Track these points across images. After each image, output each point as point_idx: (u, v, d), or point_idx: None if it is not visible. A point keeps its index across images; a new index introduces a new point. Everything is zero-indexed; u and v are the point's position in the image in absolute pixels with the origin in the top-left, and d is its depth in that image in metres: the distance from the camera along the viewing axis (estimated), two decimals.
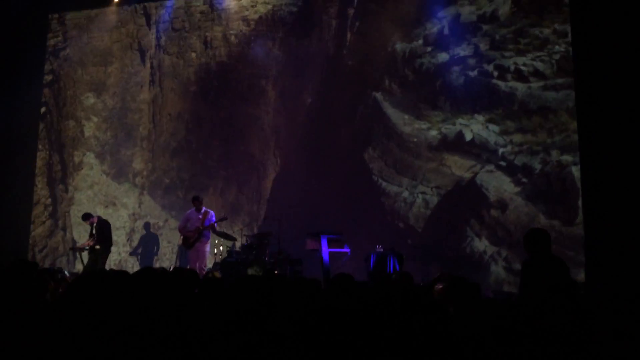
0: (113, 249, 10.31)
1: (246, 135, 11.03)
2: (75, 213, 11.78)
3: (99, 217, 10.16)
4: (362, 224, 9.74)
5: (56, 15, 12.73)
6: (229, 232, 10.02)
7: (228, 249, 9.71)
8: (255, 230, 10.21)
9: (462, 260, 8.98)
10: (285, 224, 9.34)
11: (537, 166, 8.74)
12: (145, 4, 12.02)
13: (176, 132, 11.60)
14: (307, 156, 10.56)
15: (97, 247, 9.80)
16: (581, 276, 7.94)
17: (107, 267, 10.03)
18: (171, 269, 8.00)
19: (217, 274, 7.36)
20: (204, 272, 8.55)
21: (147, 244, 11.36)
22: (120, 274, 3.51)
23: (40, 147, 12.35)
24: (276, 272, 8.55)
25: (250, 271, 8.65)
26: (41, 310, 3.06)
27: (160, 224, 11.37)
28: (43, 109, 12.48)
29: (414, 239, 9.39)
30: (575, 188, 8.46)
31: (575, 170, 8.49)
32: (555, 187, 8.62)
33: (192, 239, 9.37)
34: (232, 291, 3.49)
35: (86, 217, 10.07)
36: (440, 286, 4.63)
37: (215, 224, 9.52)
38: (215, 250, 9.97)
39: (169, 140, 11.63)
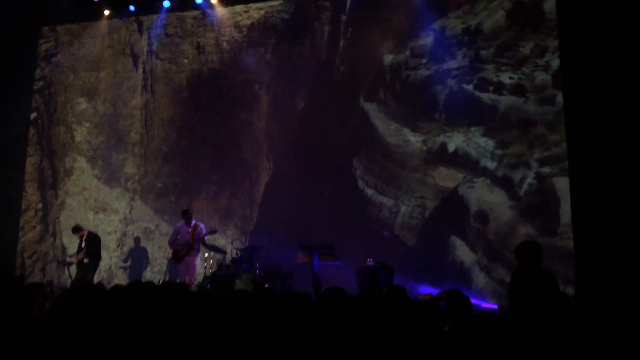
0: (103, 254, 10.21)
1: (239, 140, 11.04)
2: (66, 219, 11.76)
3: (90, 231, 10.08)
4: (353, 234, 9.76)
5: (47, 28, 12.73)
6: (222, 236, 9.97)
7: (218, 262, 9.65)
8: (247, 236, 10.19)
9: (451, 273, 9.04)
10: (276, 234, 9.39)
11: (519, 178, 8.92)
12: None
13: (168, 138, 11.59)
14: (299, 164, 10.58)
15: (86, 260, 9.70)
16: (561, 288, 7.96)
17: (96, 274, 9.97)
18: (160, 282, 7.96)
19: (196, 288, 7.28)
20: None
21: (136, 256, 11.28)
22: (109, 289, 3.48)
23: (31, 152, 12.31)
24: (266, 285, 8.51)
25: (238, 284, 8.60)
26: (28, 324, 3.02)
27: (152, 228, 11.33)
28: (34, 115, 12.46)
29: (399, 248, 9.49)
30: (555, 199, 8.60)
31: (557, 182, 8.64)
32: (535, 199, 8.79)
33: (182, 253, 9.31)
34: (221, 305, 3.46)
35: (76, 229, 9.98)
36: (428, 297, 4.64)
37: (205, 237, 9.48)
38: (205, 264, 9.91)
39: (160, 145, 11.61)
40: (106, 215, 11.66)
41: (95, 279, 10.19)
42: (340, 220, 9.88)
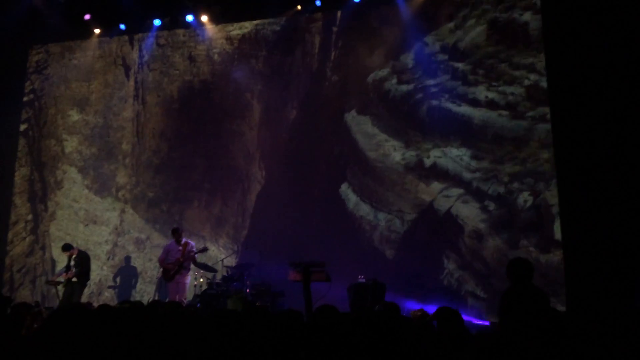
0: (93, 265, 10.16)
1: (230, 150, 11.04)
2: (56, 231, 11.71)
3: (79, 250, 9.99)
4: (344, 249, 9.77)
5: (38, 46, 12.75)
6: (214, 245, 9.92)
7: (208, 280, 9.58)
8: (239, 245, 10.18)
9: (442, 290, 9.09)
10: (267, 251, 9.39)
11: (490, 192, 9.15)
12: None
13: (159, 149, 11.57)
14: (289, 176, 10.59)
15: (74, 279, 9.60)
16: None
17: (86, 287, 9.90)
18: (149, 301, 7.88)
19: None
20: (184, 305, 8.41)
21: (126, 275, 11.18)
22: (97, 308, 3.44)
23: (21, 164, 12.25)
24: (257, 303, 8.45)
25: (229, 303, 8.53)
26: (16, 345, 2.97)
27: (143, 238, 11.27)
28: (24, 126, 12.42)
29: (379, 261, 9.59)
30: (548, 214, 8.77)
31: (522, 196, 8.91)
32: (504, 212, 9.04)
33: (172, 271, 9.23)
34: (211, 325, 3.43)
35: (66, 248, 9.89)
36: (419, 313, 4.62)
37: (195, 256, 9.41)
38: (195, 282, 9.83)
39: (151, 156, 11.59)
40: (97, 226, 11.59)
41: (85, 293, 10.11)
42: (330, 236, 9.92)
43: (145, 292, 10.88)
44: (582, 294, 8.08)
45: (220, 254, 10.39)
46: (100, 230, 11.55)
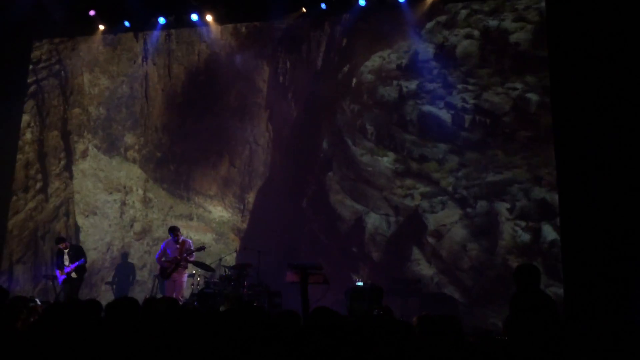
0: (104, 224, 10.56)
1: (232, 147, 11.12)
2: (78, 198, 11.81)
3: (71, 243, 10.01)
4: (340, 252, 9.92)
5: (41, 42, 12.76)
6: (221, 205, 10.47)
7: (206, 279, 9.56)
8: (244, 207, 10.62)
9: (440, 296, 9.16)
10: (265, 251, 9.40)
11: (472, 199, 9.40)
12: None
13: (162, 144, 11.61)
14: (290, 172, 10.70)
15: (74, 275, 9.59)
16: None
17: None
18: (146, 298, 7.86)
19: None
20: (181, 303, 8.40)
21: (123, 272, 11.17)
22: (93, 304, 3.42)
23: (51, 129, 12.28)
24: (255, 304, 8.43)
25: (225, 303, 8.51)
26: (12, 339, 2.96)
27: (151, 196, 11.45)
28: (27, 118, 12.41)
29: (365, 262, 9.77)
30: (496, 222, 9.16)
31: (499, 205, 9.21)
32: (484, 220, 9.29)
33: (169, 269, 9.23)
34: (208, 324, 3.42)
35: (59, 240, 9.90)
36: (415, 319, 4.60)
37: (194, 254, 9.40)
38: (192, 281, 9.82)
39: (154, 151, 11.63)
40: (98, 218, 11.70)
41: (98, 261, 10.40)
42: (326, 237, 10.10)
43: (143, 287, 10.87)
44: (580, 298, 8.12)
45: (226, 213, 10.73)
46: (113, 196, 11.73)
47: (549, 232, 8.88)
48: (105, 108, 12.07)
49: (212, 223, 10.90)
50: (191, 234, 10.77)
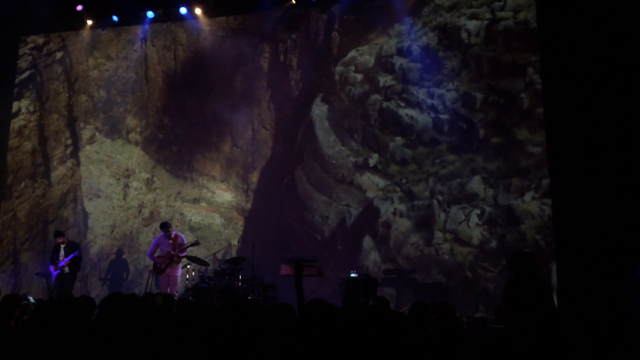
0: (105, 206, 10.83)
1: (233, 128, 11.15)
2: (85, 185, 11.79)
3: (68, 240, 9.94)
4: (335, 244, 9.99)
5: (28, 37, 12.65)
6: (225, 185, 10.62)
7: (200, 274, 9.55)
8: (248, 187, 10.69)
9: (434, 286, 9.16)
10: (260, 245, 9.42)
11: (419, 192, 9.75)
12: None
13: (163, 125, 11.62)
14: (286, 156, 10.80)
15: (67, 270, 9.53)
16: None
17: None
18: (141, 294, 7.84)
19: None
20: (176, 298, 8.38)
21: (117, 269, 11.13)
22: (87, 301, 3.40)
23: (60, 115, 12.20)
24: (249, 297, 8.43)
25: (219, 297, 8.49)
26: (5, 337, 2.94)
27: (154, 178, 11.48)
28: (26, 103, 12.35)
29: (332, 251, 10.06)
30: (433, 215, 9.60)
31: (437, 199, 9.60)
32: (425, 213, 9.70)
33: (163, 265, 9.20)
34: (203, 318, 3.40)
35: (58, 234, 9.85)
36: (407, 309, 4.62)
37: (187, 249, 9.38)
38: (187, 276, 9.80)
39: (155, 132, 11.63)
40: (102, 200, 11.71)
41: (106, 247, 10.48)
42: (298, 227, 10.31)
43: (136, 284, 10.85)
44: (574, 292, 8.17)
45: (230, 192, 10.83)
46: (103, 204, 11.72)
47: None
48: (105, 91, 12.02)
49: (221, 207, 10.92)
50: (199, 217, 10.88)
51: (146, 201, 11.37)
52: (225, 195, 10.93)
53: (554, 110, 8.88)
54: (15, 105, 12.41)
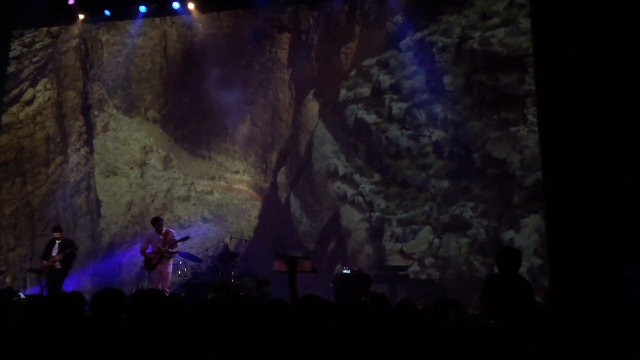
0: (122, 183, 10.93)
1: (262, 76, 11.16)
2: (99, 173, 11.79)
3: (64, 237, 9.85)
4: (329, 242, 9.99)
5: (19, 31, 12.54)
6: (243, 164, 10.75)
7: (193, 270, 9.51)
8: (267, 167, 10.77)
9: (423, 282, 9.24)
10: (255, 241, 9.43)
11: (375, 205, 9.90)
12: None
13: (181, 103, 11.58)
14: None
15: (58, 266, 9.44)
16: None
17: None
18: (133, 291, 7.80)
19: None
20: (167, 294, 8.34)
21: (109, 263, 11.08)
22: (77, 297, 3.36)
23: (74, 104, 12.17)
24: (242, 293, 8.40)
25: (212, 293, 8.46)
26: None
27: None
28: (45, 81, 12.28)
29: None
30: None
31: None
32: (379, 225, 9.86)
33: (154, 261, 9.14)
34: (196, 314, 3.38)
35: (56, 229, 9.76)
36: (419, 307, 4.62)
37: (178, 245, 9.33)
38: (180, 272, 9.76)
39: (174, 110, 11.62)
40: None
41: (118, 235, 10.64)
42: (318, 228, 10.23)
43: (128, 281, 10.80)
44: (564, 287, 8.21)
45: (249, 172, 10.86)
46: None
47: None
48: (124, 68, 11.95)
49: (239, 186, 10.94)
50: (217, 196, 10.94)
51: (163, 180, 11.34)
52: (240, 169, 10.95)
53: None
54: (30, 92, 12.34)
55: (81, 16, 11.90)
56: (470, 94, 9.65)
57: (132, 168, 11.54)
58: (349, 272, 8.50)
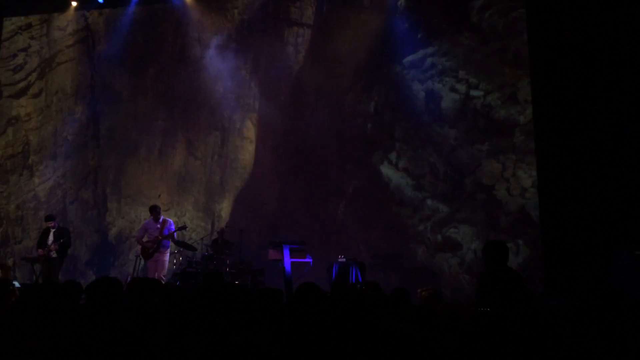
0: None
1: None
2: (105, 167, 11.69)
3: (59, 225, 9.81)
4: (325, 231, 9.97)
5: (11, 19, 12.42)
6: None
7: (188, 259, 9.51)
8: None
9: (421, 270, 9.29)
10: (249, 230, 9.43)
11: None
12: None
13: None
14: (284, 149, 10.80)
15: (54, 255, 9.40)
16: None
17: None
18: (129, 279, 7.80)
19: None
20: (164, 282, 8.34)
21: (104, 253, 11.07)
22: (73, 286, 3.36)
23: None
24: (237, 282, 8.43)
25: (207, 282, 8.47)
26: None
27: None
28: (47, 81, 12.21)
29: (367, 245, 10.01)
30: None
31: None
32: None
33: (150, 249, 9.14)
34: (191, 302, 3.38)
35: (49, 218, 9.71)
36: (425, 293, 4.63)
37: (175, 234, 9.33)
38: (175, 260, 9.76)
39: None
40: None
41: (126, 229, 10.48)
42: (313, 218, 10.15)
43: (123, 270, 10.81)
44: (558, 277, 8.28)
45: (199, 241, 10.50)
46: None
47: None
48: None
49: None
50: None
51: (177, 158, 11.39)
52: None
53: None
54: (38, 85, 12.31)
55: (74, 3, 11.80)
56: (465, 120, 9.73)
57: None
58: (344, 260, 8.51)
